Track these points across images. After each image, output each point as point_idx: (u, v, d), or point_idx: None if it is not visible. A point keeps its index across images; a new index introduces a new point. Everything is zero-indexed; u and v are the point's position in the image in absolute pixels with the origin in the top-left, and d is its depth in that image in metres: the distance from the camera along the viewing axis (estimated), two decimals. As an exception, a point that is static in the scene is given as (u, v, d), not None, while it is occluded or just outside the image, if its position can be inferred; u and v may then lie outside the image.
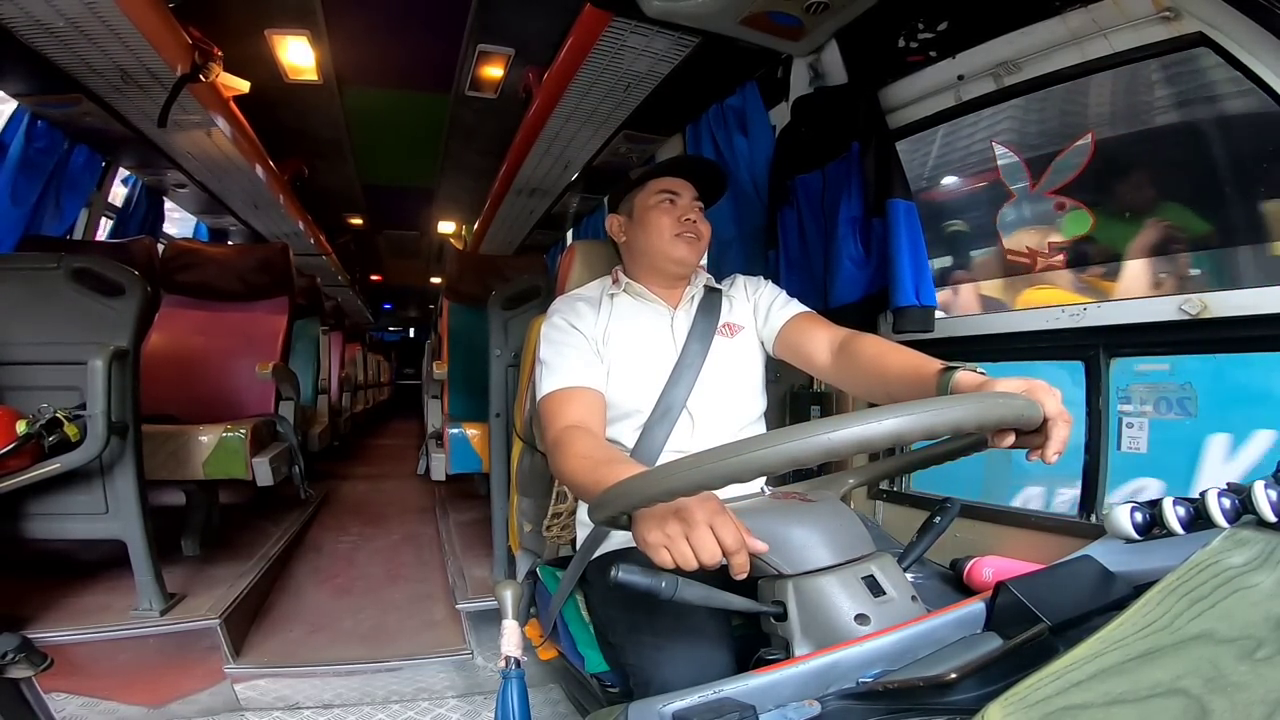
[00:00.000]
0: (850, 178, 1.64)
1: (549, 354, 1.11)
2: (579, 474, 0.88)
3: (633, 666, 0.88)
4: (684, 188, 1.20)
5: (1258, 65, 1.07)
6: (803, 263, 1.80)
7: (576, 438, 0.96)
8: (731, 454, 0.56)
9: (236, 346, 2.79)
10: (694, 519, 0.67)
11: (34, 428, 1.48)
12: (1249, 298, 1.14)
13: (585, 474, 0.86)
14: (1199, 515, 0.66)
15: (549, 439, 1.02)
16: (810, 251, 1.78)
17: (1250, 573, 0.51)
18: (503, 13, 2.48)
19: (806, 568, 0.74)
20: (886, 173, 1.57)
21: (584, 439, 0.96)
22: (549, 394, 1.07)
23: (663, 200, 1.19)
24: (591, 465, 0.86)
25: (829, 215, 1.70)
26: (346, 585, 2.39)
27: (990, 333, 1.57)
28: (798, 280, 1.80)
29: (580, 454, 0.91)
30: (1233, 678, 0.38)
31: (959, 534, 1.45)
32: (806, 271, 1.78)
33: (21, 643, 1.47)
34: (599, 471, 0.82)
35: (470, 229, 5.37)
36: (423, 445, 4.02)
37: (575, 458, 0.91)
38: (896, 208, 1.53)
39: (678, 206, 1.19)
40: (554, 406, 1.05)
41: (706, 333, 1.16)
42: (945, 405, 0.58)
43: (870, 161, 1.60)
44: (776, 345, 1.19)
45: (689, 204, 1.20)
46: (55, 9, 1.80)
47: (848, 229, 1.64)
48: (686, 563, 0.67)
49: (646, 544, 0.69)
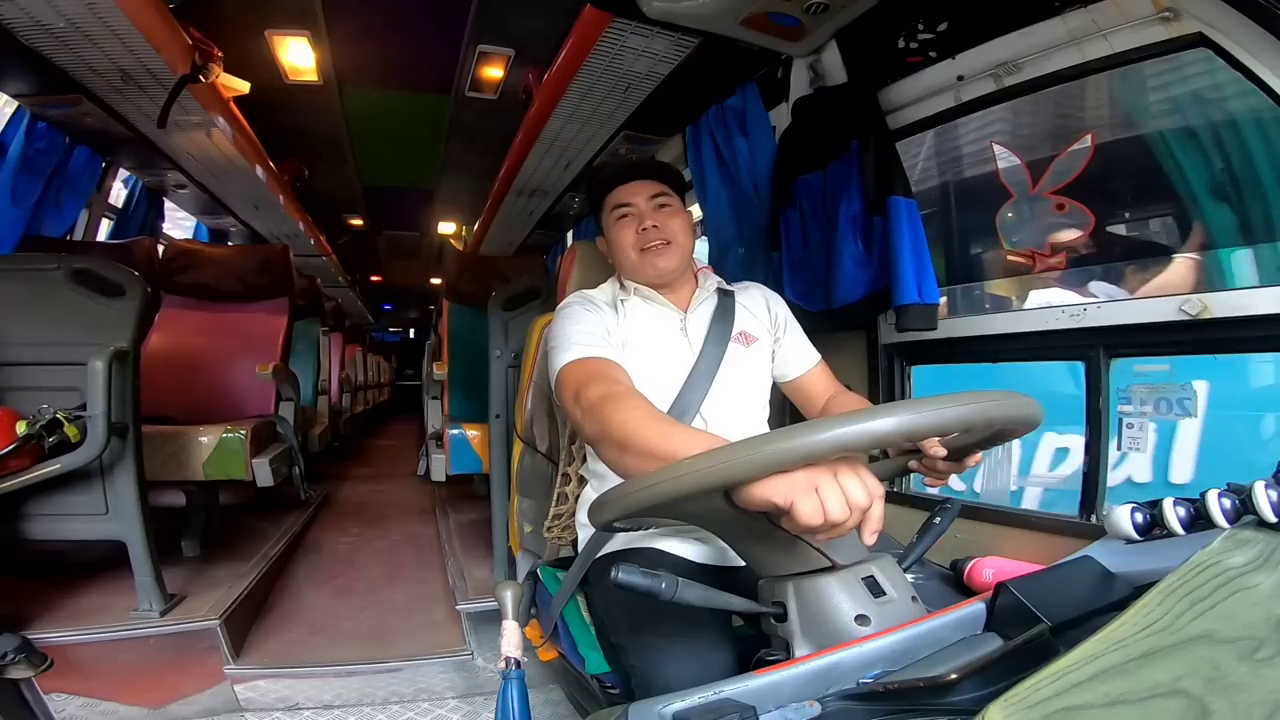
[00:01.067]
0: (851, 177, 1.64)
1: (570, 328, 1.04)
2: (644, 427, 0.79)
3: (634, 667, 0.88)
4: (638, 193, 1.16)
5: (1258, 65, 1.07)
6: (807, 263, 1.79)
7: (634, 395, 0.89)
8: (739, 452, 0.56)
9: (236, 347, 2.79)
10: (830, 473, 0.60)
11: (34, 428, 1.48)
12: (1249, 298, 1.14)
13: (658, 426, 0.79)
14: (1199, 515, 0.66)
15: (589, 398, 0.90)
16: (813, 252, 1.77)
17: (1251, 573, 0.51)
18: (503, 13, 2.48)
19: (807, 568, 0.74)
20: (887, 171, 1.57)
21: (642, 399, 0.88)
22: (576, 360, 0.99)
23: (620, 215, 1.17)
24: (666, 425, 0.80)
25: (830, 215, 1.70)
26: (347, 586, 2.39)
27: (990, 333, 1.56)
28: (803, 281, 1.79)
29: (644, 410, 0.83)
30: (1233, 678, 0.38)
31: (959, 534, 1.44)
32: (810, 272, 1.77)
33: (21, 643, 1.47)
34: (674, 432, 0.77)
35: (470, 230, 5.37)
36: (423, 446, 4.02)
37: (638, 409, 0.83)
38: (898, 205, 1.53)
39: (634, 215, 1.16)
40: (586, 369, 0.97)
41: (723, 338, 1.14)
42: (945, 405, 0.59)
43: (870, 160, 1.59)
44: (785, 382, 1.22)
45: (647, 208, 1.16)
46: (55, 9, 1.80)
47: (849, 228, 1.63)
48: (814, 517, 0.58)
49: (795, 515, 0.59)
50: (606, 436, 0.83)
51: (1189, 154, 1.35)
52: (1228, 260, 1.33)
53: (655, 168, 1.21)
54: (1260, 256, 1.27)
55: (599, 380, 0.93)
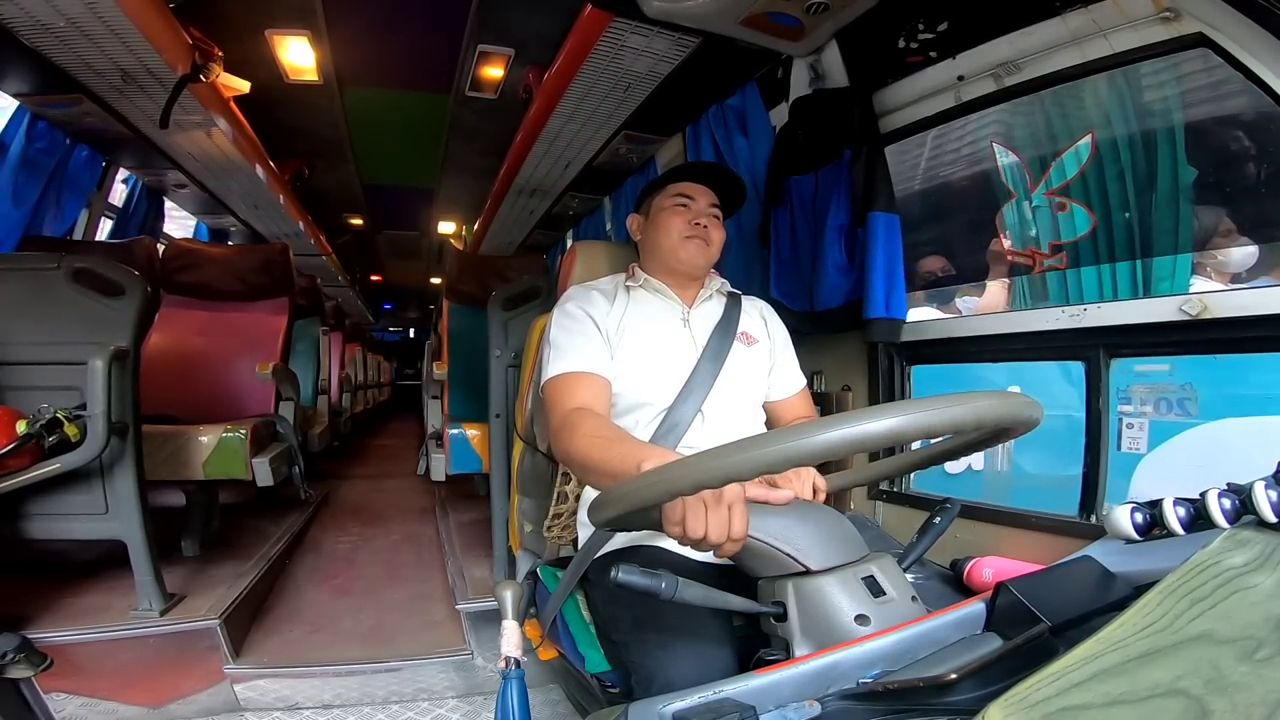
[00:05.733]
0: (841, 184, 1.66)
1: (560, 337, 1.12)
2: (592, 452, 0.87)
3: (635, 664, 0.89)
4: (701, 193, 1.23)
5: (1258, 65, 1.07)
6: (793, 263, 1.82)
7: (585, 418, 0.96)
8: (732, 453, 0.56)
9: (236, 347, 2.79)
10: (719, 499, 0.69)
11: (34, 428, 1.48)
12: (1249, 298, 1.14)
13: (599, 451, 0.86)
14: (1199, 515, 0.66)
15: (555, 420, 1.01)
16: (800, 253, 1.79)
17: (1250, 573, 0.51)
18: (503, 13, 2.48)
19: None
20: (872, 184, 1.60)
21: (592, 419, 0.96)
22: (557, 376, 1.08)
23: (678, 203, 1.23)
24: (604, 444, 0.86)
25: (819, 219, 1.72)
26: (346, 585, 2.39)
27: (990, 333, 1.57)
28: (788, 280, 1.82)
29: (590, 433, 0.91)
30: (1233, 678, 0.38)
31: (959, 534, 1.45)
32: (796, 272, 1.80)
33: (21, 643, 1.47)
34: (612, 450, 0.83)
35: (470, 229, 5.37)
36: (423, 446, 4.01)
37: (585, 437, 0.90)
38: (876, 221, 1.57)
39: (691, 210, 1.22)
40: (562, 388, 1.06)
41: (727, 336, 1.18)
42: (945, 405, 0.58)
43: (859, 170, 1.62)
44: (767, 403, 1.26)
45: (703, 209, 1.22)
46: (55, 9, 1.80)
47: (834, 235, 1.67)
48: (693, 534, 0.68)
49: (666, 519, 0.70)
50: (570, 460, 0.94)
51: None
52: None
53: (728, 178, 1.27)
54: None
55: (566, 400, 1.04)
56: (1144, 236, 1.38)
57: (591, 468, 0.87)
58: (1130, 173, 1.38)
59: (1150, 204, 1.36)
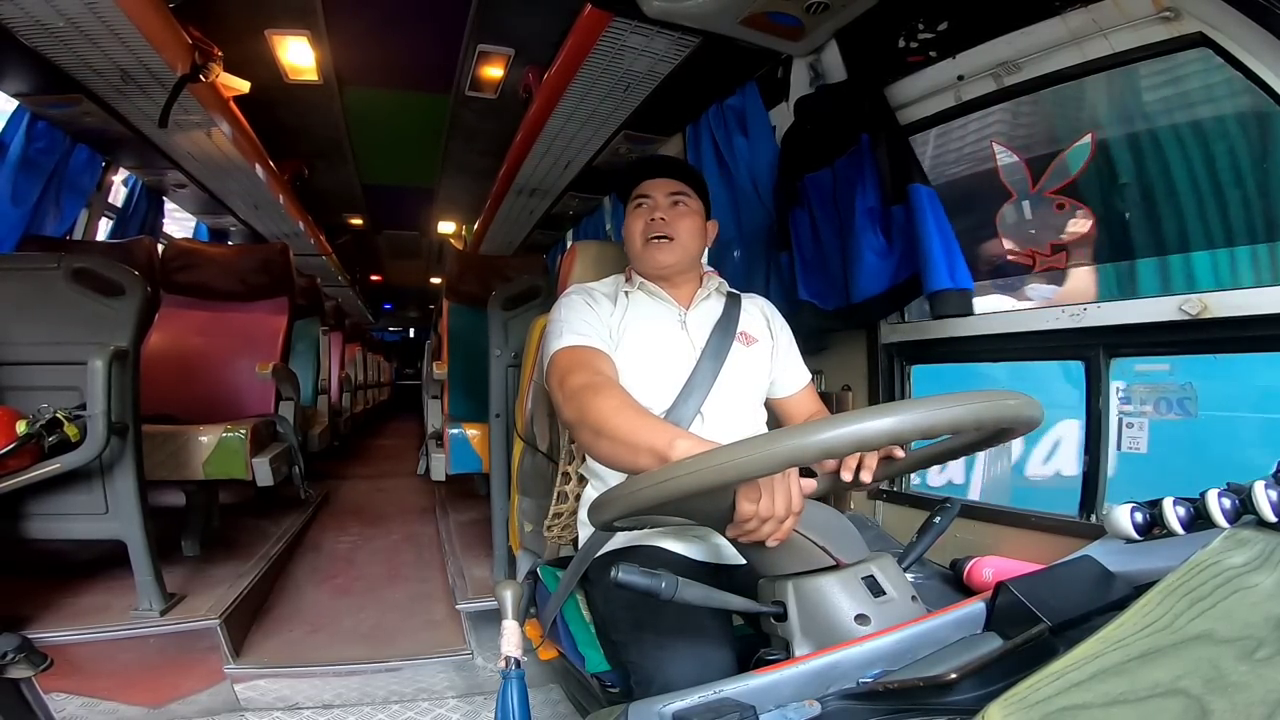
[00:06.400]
0: (863, 170, 1.61)
1: (568, 316, 1.10)
2: (619, 418, 0.83)
3: (635, 664, 0.89)
4: (657, 187, 1.20)
5: (1258, 65, 1.07)
6: (819, 263, 1.76)
7: (613, 386, 0.94)
8: (731, 454, 0.56)
9: (236, 346, 2.79)
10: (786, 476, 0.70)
11: (34, 428, 1.48)
12: (1249, 298, 1.13)
13: (628, 420, 0.83)
14: (1199, 515, 0.66)
15: (572, 385, 0.95)
16: (826, 250, 1.73)
17: (1250, 573, 0.51)
18: (503, 13, 2.48)
19: (807, 567, 0.74)
20: (903, 160, 1.54)
21: (620, 390, 0.93)
22: (569, 347, 1.04)
23: (636, 204, 1.21)
24: (635, 414, 0.84)
25: (843, 210, 1.67)
26: (346, 585, 2.39)
27: (990, 333, 1.56)
28: (816, 282, 1.75)
29: (620, 401, 0.88)
30: (1233, 678, 0.38)
31: (959, 534, 1.45)
32: (824, 271, 1.74)
33: (21, 643, 1.47)
34: (644, 420, 0.83)
35: (470, 229, 5.37)
36: (423, 445, 4.02)
37: (614, 400, 0.88)
38: (919, 193, 1.49)
39: (647, 208, 1.20)
40: (578, 358, 1.02)
41: (726, 336, 1.17)
42: (945, 405, 0.59)
43: (883, 151, 1.57)
44: (772, 399, 1.25)
45: (663, 203, 1.19)
46: (55, 9, 1.80)
47: (866, 220, 1.60)
48: (777, 511, 0.69)
49: (743, 496, 0.70)
50: (584, 422, 0.88)
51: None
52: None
53: (677, 166, 1.25)
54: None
55: (584, 369, 0.98)
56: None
57: (612, 434, 0.82)
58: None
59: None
